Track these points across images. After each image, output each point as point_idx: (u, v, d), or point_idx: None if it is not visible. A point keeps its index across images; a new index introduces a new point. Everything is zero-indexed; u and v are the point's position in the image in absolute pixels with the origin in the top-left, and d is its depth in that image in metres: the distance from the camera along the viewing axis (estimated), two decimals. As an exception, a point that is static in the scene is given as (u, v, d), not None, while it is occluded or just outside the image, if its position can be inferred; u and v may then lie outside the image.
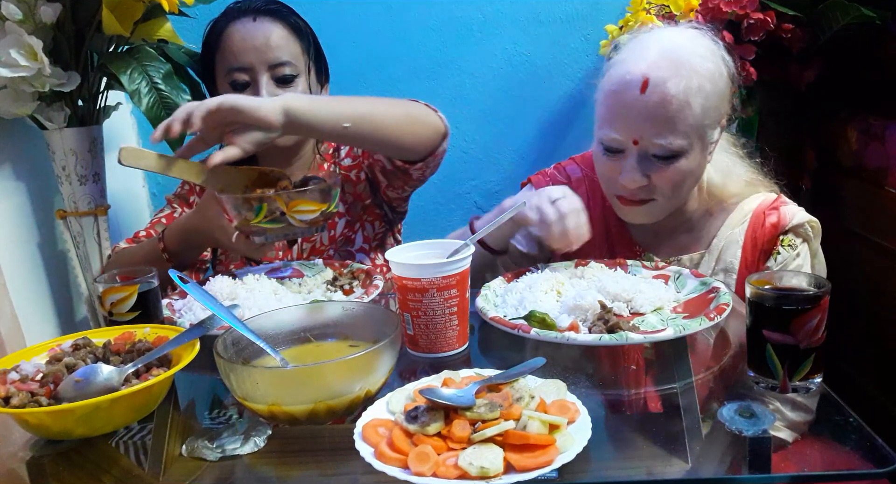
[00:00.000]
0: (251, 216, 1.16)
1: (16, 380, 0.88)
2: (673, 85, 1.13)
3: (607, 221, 1.35)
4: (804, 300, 0.83)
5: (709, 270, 1.29)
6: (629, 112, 1.16)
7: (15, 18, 1.35)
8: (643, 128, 1.16)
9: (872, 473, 0.72)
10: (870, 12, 1.48)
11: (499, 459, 0.70)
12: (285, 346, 0.97)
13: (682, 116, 1.14)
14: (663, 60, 1.15)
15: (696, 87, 1.14)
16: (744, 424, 0.77)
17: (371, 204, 1.56)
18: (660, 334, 0.97)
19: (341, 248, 1.52)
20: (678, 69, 1.14)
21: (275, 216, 1.17)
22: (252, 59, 1.39)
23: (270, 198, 1.15)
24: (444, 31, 2.01)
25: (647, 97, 1.14)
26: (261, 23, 1.41)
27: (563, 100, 2.05)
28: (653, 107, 1.14)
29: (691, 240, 1.32)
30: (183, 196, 1.55)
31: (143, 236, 1.47)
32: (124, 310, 1.06)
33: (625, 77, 1.17)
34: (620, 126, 1.18)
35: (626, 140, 1.18)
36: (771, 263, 1.26)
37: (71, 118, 1.52)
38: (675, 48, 1.16)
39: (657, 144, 1.16)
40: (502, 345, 1.07)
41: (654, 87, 1.13)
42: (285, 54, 1.41)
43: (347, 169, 1.55)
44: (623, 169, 1.19)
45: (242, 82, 1.41)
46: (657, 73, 1.14)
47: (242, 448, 0.80)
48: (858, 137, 1.60)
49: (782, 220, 1.25)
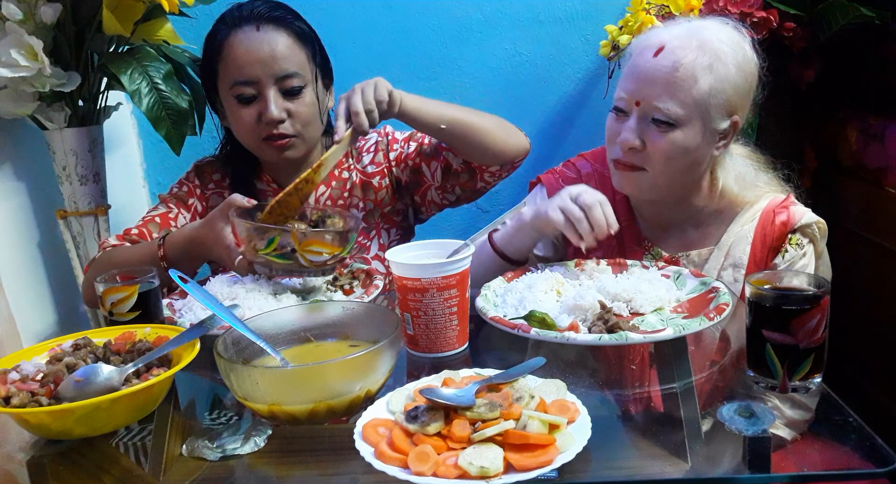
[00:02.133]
0: (261, 246, 1.14)
1: (16, 380, 0.88)
2: (684, 55, 1.17)
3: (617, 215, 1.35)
4: (804, 300, 0.83)
5: (717, 265, 1.29)
6: (638, 73, 1.21)
7: (15, 18, 1.35)
8: (647, 89, 1.19)
9: (872, 472, 0.72)
10: (869, 12, 1.48)
11: (499, 458, 0.70)
12: (285, 346, 0.98)
13: (685, 86, 1.17)
14: (685, 34, 1.20)
15: (707, 64, 1.17)
16: (744, 423, 0.77)
17: (390, 211, 1.53)
18: (660, 334, 0.97)
19: (356, 256, 1.49)
20: (698, 45, 1.18)
21: (284, 251, 1.14)
22: (258, 72, 1.34)
23: (285, 231, 1.13)
24: (444, 31, 2.01)
25: (657, 60, 1.18)
26: (265, 32, 1.35)
27: (562, 100, 2.04)
28: (659, 70, 1.18)
29: (700, 235, 1.33)
30: (180, 197, 1.49)
31: (136, 235, 1.41)
32: (124, 310, 1.06)
33: (645, 42, 1.23)
34: (628, 86, 1.22)
35: (630, 100, 1.22)
36: (778, 260, 1.27)
37: (71, 118, 1.52)
38: (702, 28, 1.21)
39: (655, 107, 1.19)
40: (502, 345, 1.07)
41: (667, 52, 1.18)
42: (292, 65, 1.36)
43: (369, 175, 1.52)
44: (622, 130, 1.22)
45: (249, 96, 1.36)
46: (674, 42, 1.19)
47: (242, 448, 0.80)
48: (858, 137, 1.60)
49: (791, 219, 1.26)
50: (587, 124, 2.04)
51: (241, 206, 1.20)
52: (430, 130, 1.39)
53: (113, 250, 1.38)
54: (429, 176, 1.49)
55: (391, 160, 1.53)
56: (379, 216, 1.52)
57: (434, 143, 1.49)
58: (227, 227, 1.21)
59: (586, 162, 1.43)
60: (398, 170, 1.53)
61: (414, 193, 1.53)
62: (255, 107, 1.36)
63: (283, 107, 1.36)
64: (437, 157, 1.48)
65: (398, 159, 1.52)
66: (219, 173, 1.52)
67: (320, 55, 1.44)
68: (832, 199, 1.68)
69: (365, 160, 1.53)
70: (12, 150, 1.55)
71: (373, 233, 1.51)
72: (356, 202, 1.51)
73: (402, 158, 1.52)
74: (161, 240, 1.31)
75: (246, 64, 1.35)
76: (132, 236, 1.41)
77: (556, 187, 1.35)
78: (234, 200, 1.21)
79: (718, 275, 1.28)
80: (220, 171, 1.52)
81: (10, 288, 1.40)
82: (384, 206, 1.52)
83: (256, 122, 1.37)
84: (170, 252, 1.29)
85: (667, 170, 1.23)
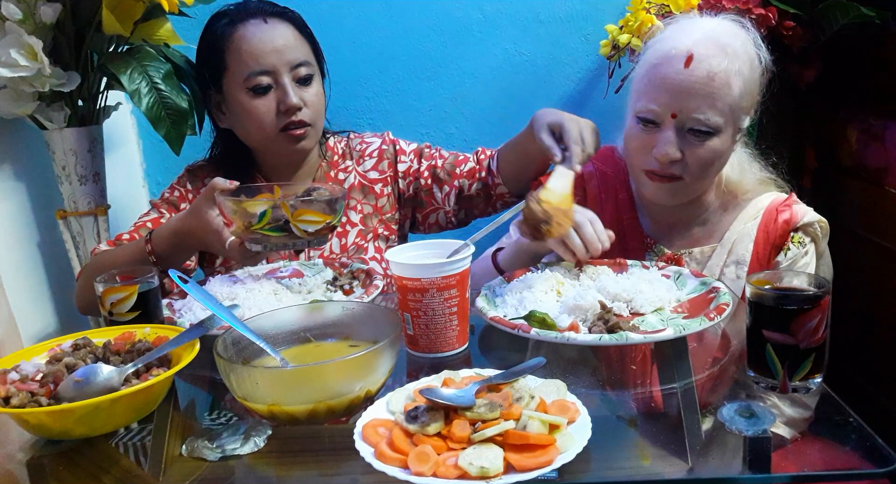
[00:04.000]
0: (253, 221, 1.14)
1: (16, 380, 0.88)
2: (716, 63, 1.17)
3: (620, 214, 1.37)
4: (804, 300, 0.83)
5: (720, 262, 1.30)
6: (671, 85, 1.19)
7: (15, 18, 1.35)
8: (684, 101, 1.19)
9: (872, 472, 0.72)
10: (869, 12, 1.48)
11: (499, 459, 0.70)
12: (285, 346, 0.97)
13: (722, 94, 1.18)
14: (707, 40, 1.19)
15: (736, 69, 1.18)
16: (744, 423, 0.77)
17: (390, 218, 1.53)
18: (660, 334, 0.97)
19: (353, 256, 1.49)
20: (721, 49, 1.18)
21: (278, 224, 1.15)
22: (274, 60, 1.37)
23: (275, 204, 1.14)
24: (444, 31, 2.01)
25: (690, 71, 1.18)
26: (273, 25, 1.38)
27: (563, 100, 2.04)
28: (695, 81, 1.17)
29: (703, 233, 1.34)
30: (172, 202, 1.49)
31: (126, 240, 1.40)
32: (124, 310, 1.06)
33: (669, 52, 1.20)
34: (661, 98, 1.21)
35: (664, 112, 1.21)
36: (780, 258, 1.28)
37: (71, 118, 1.52)
38: (718, 31, 1.21)
39: (695, 119, 1.19)
40: (502, 345, 1.07)
41: (698, 62, 1.17)
42: (302, 54, 1.40)
43: (371, 181, 1.53)
44: (658, 142, 1.21)
45: (265, 86, 1.37)
46: (702, 50, 1.18)
47: (242, 448, 0.80)
48: (858, 137, 1.60)
49: (794, 217, 1.28)
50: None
51: (225, 188, 1.19)
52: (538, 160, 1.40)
53: (102, 254, 1.37)
54: (439, 199, 1.50)
55: (399, 172, 1.53)
56: (377, 222, 1.52)
57: (448, 168, 1.50)
58: (213, 211, 1.20)
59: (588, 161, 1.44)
60: (404, 183, 1.53)
61: (417, 211, 1.54)
62: (272, 96, 1.38)
63: (301, 95, 1.39)
64: (451, 183, 1.49)
65: (406, 173, 1.53)
66: (210, 177, 1.51)
67: (319, 51, 1.47)
68: (832, 199, 1.68)
69: (367, 164, 1.53)
70: (12, 150, 1.55)
71: (370, 235, 1.52)
72: (354, 204, 1.51)
73: (409, 173, 1.53)
74: (148, 236, 1.30)
75: (262, 54, 1.37)
76: (122, 242, 1.40)
77: None
78: (216, 184, 1.19)
79: (721, 272, 1.29)
80: (212, 174, 1.51)
81: (10, 288, 1.39)
82: (384, 213, 1.53)
83: (275, 112, 1.38)
84: (157, 247, 1.28)
85: (703, 176, 1.25)
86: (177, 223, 1.27)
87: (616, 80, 1.79)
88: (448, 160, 1.52)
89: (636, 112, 1.24)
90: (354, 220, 1.51)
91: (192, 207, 1.25)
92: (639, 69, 1.27)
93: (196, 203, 1.24)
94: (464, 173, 1.48)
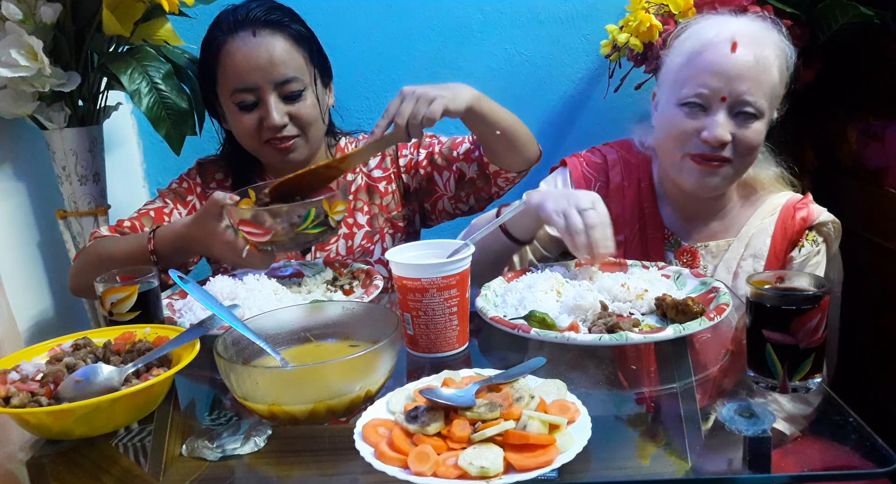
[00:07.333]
0: (298, 223, 1.16)
1: (16, 380, 0.88)
2: (761, 49, 1.22)
3: (641, 203, 1.39)
4: (804, 300, 0.84)
5: (737, 255, 1.32)
6: (720, 68, 1.22)
7: (15, 18, 1.35)
8: (734, 83, 1.21)
9: (872, 472, 0.72)
10: (869, 11, 1.48)
11: (499, 458, 0.70)
12: (285, 346, 0.97)
13: (765, 79, 1.22)
14: (746, 29, 1.24)
15: (773, 57, 1.23)
16: (744, 423, 0.77)
17: (396, 216, 1.52)
18: (660, 334, 0.97)
19: (359, 259, 1.48)
20: (760, 38, 1.23)
21: (320, 220, 1.18)
22: (257, 79, 1.34)
23: (318, 202, 1.16)
24: (444, 31, 2.01)
25: (738, 56, 1.21)
26: (261, 38, 1.34)
27: (563, 100, 2.04)
28: (743, 64, 1.21)
29: (721, 228, 1.36)
30: (179, 193, 1.48)
31: (128, 227, 1.39)
32: (124, 310, 1.06)
33: (712, 40, 1.23)
34: (710, 82, 1.22)
35: (714, 96, 1.23)
36: (795, 253, 1.31)
37: (71, 118, 1.52)
38: (751, 23, 1.26)
39: (745, 101, 1.22)
40: (502, 345, 1.07)
41: (743, 47, 1.21)
42: (290, 70, 1.36)
43: (375, 180, 1.52)
44: (709, 125, 1.23)
45: (249, 103, 1.36)
46: (744, 37, 1.22)
47: (242, 448, 0.80)
48: (858, 137, 1.60)
49: (811, 215, 1.31)
50: (587, 124, 2.04)
51: (227, 203, 1.18)
52: (483, 135, 1.37)
53: (103, 240, 1.36)
54: (441, 185, 1.49)
55: (401, 166, 1.52)
56: (384, 221, 1.52)
57: (445, 152, 1.48)
58: (221, 224, 1.19)
59: (612, 148, 1.46)
60: (407, 176, 1.53)
61: (424, 201, 1.53)
62: (256, 113, 1.37)
63: (285, 111, 1.37)
64: (450, 168, 1.48)
65: (408, 166, 1.52)
66: (221, 172, 1.52)
67: (318, 55, 1.44)
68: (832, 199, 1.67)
69: (371, 164, 1.53)
70: (12, 150, 1.55)
71: (376, 237, 1.51)
72: (361, 206, 1.51)
73: (412, 165, 1.52)
74: (151, 233, 1.28)
75: (245, 71, 1.35)
76: (124, 229, 1.39)
77: (579, 171, 1.41)
78: (219, 199, 1.18)
79: (738, 265, 1.31)
80: (222, 170, 1.52)
81: (10, 288, 1.39)
82: (389, 212, 1.52)
83: (258, 127, 1.37)
84: (159, 247, 1.27)
85: (746, 160, 1.28)
86: (182, 229, 1.26)
87: (616, 80, 1.79)
88: (445, 144, 1.50)
89: (681, 99, 1.25)
90: (361, 221, 1.51)
91: (196, 219, 1.23)
92: (674, 60, 1.29)
93: (200, 216, 1.22)
94: (461, 155, 1.46)
